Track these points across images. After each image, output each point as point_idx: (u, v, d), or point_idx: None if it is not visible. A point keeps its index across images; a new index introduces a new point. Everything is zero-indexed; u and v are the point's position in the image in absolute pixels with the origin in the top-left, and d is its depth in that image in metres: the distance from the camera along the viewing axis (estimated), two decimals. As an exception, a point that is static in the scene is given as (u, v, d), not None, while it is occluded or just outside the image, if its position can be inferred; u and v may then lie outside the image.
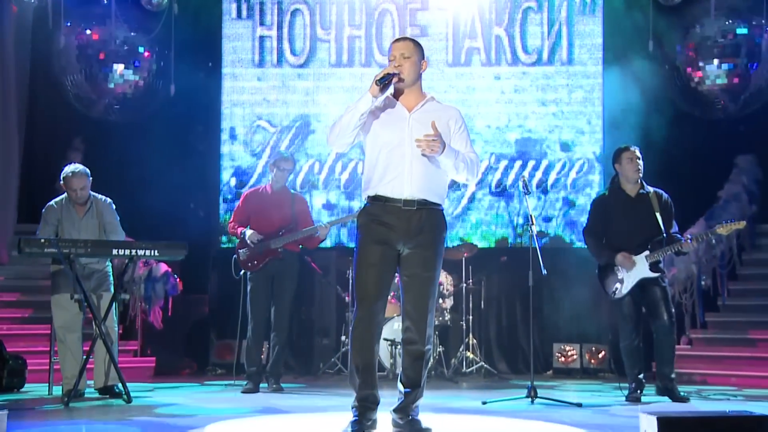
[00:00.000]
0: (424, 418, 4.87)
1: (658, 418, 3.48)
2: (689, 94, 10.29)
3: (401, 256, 4.85)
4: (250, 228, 7.74)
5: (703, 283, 9.59)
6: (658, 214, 6.84)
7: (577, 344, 9.87)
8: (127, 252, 6.66)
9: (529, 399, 6.53)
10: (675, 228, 6.94)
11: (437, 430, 4.83)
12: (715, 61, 10.16)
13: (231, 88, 10.68)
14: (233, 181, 10.57)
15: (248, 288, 7.76)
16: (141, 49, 10.52)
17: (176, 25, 10.44)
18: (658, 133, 9.75)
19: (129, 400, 6.59)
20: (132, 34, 10.48)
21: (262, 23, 10.72)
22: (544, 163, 10.31)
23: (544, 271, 6.32)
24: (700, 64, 10.22)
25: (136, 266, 6.91)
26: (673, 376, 6.85)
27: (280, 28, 10.71)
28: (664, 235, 6.80)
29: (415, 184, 4.77)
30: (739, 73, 10.15)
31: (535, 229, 6.45)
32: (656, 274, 6.79)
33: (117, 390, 6.91)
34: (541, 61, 10.49)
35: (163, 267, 9.35)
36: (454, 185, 9.63)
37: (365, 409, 4.79)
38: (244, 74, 10.69)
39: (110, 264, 7.18)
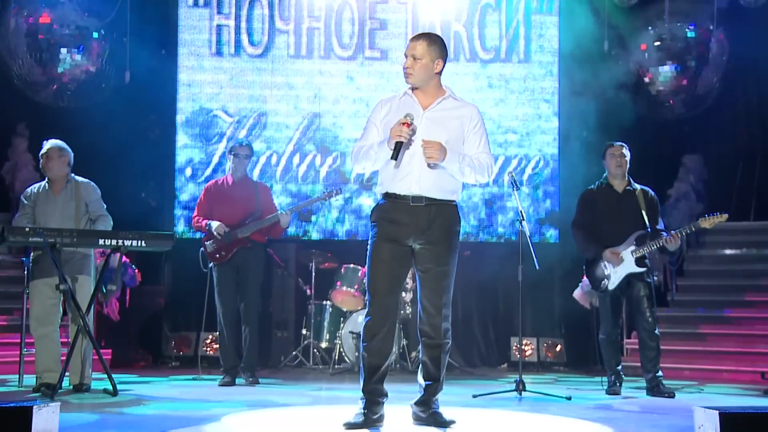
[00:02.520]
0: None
1: (720, 414, 3.43)
2: (641, 94, 10.56)
3: (414, 251, 4.90)
4: (215, 220, 7.65)
5: (655, 278, 9.86)
6: (643, 211, 7.01)
7: (533, 338, 10.04)
8: (114, 242, 6.51)
9: (517, 392, 6.62)
10: (661, 225, 7.14)
11: (462, 424, 4.89)
12: (665, 63, 10.47)
13: (187, 77, 10.50)
14: (188, 171, 10.39)
15: (215, 280, 7.68)
16: (95, 35, 10.24)
17: (132, 11, 10.20)
18: (611, 132, 9.99)
19: (115, 393, 6.45)
20: (85, 18, 10.19)
21: (219, 12, 10.55)
22: (501, 159, 10.43)
23: (537, 266, 6.40)
24: (651, 65, 10.51)
25: (122, 256, 6.71)
26: (659, 374, 7.02)
27: (238, 17, 10.56)
28: (649, 230, 6.97)
29: (424, 182, 4.83)
30: (687, 75, 10.47)
31: (526, 224, 6.52)
32: (642, 269, 6.97)
33: (85, 388, 6.75)
34: (499, 57, 10.62)
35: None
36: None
37: (372, 402, 4.86)
38: (200, 63, 10.52)
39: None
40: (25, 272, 7.26)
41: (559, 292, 10.27)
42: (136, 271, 9.27)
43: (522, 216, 6.55)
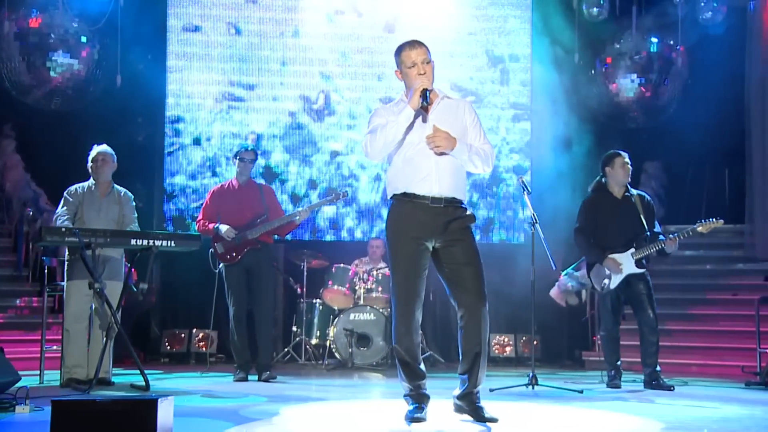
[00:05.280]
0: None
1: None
2: (607, 103, 11.19)
3: (436, 251, 5.07)
4: (222, 223, 7.89)
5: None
6: (642, 215, 7.55)
7: (511, 334, 10.57)
8: (145, 242, 6.83)
9: (531, 386, 7.03)
10: (658, 228, 7.66)
11: (504, 418, 5.06)
12: (630, 75, 11.11)
13: (176, 80, 10.80)
14: (178, 174, 10.72)
15: (226, 281, 7.92)
16: (84, 39, 10.44)
17: (123, 16, 10.43)
18: (578, 138, 10.63)
19: (147, 388, 6.76)
20: (76, 22, 10.38)
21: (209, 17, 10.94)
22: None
23: (555, 267, 6.86)
24: (616, 77, 11.15)
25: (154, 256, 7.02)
26: (658, 368, 7.47)
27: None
28: (648, 233, 7.52)
29: (444, 182, 4.99)
30: (650, 86, 11.14)
31: (539, 228, 6.96)
32: (642, 270, 7.49)
33: (108, 383, 7.09)
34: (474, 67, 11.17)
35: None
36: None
37: (421, 396, 5.05)
38: (189, 67, 10.82)
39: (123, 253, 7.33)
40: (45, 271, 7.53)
41: (536, 291, 10.76)
42: (133, 270, 9.50)
43: (534, 219, 6.97)
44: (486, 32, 11.25)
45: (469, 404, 5.07)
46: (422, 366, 5.12)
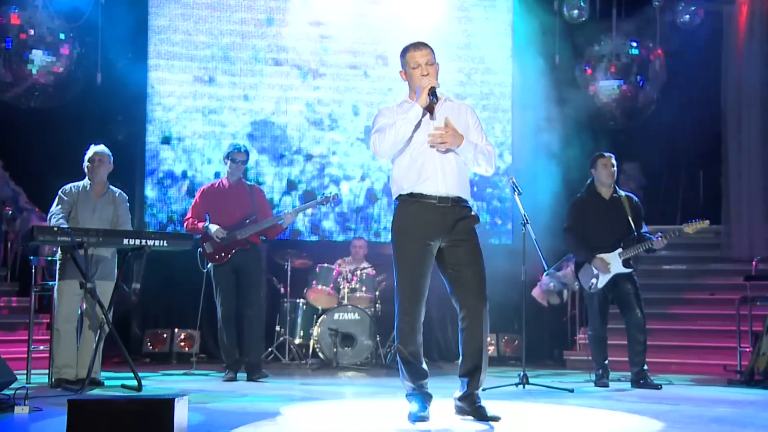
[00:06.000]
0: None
1: None
2: (586, 105, 11.29)
3: (441, 250, 5.08)
4: (212, 222, 7.85)
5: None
6: (629, 216, 7.64)
7: (493, 333, 10.63)
8: (138, 242, 6.79)
9: (522, 385, 7.09)
10: (645, 228, 7.75)
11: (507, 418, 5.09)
12: (610, 78, 11.23)
13: (157, 80, 10.74)
14: (158, 173, 10.66)
15: (214, 281, 7.90)
16: (62, 36, 10.33)
17: (103, 14, 10.34)
18: (557, 139, 10.73)
19: (140, 389, 6.73)
20: (55, 20, 10.28)
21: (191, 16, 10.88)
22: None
23: (546, 267, 6.93)
24: (596, 79, 11.27)
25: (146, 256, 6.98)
26: (645, 367, 7.58)
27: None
28: (635, 234, 7.61)
29: (450, 182, 5.02)
30: (629, 89, 11.26)
31: (530, 228, 7.02)
32: (629, 270, 7.58)
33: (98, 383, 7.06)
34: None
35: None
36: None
37: (425, 395, 5.07)
38: (171, 66, 10.77)
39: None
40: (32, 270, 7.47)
41: (515, 291, 10.85)
42: (117, 270, 9.45)
43: (525, 220, 7.02)
44: (467, 34, 11.30)
45: (471, 405, 5.09)
46: (425, 365, 5.15)
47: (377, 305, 9.83)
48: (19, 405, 5.17)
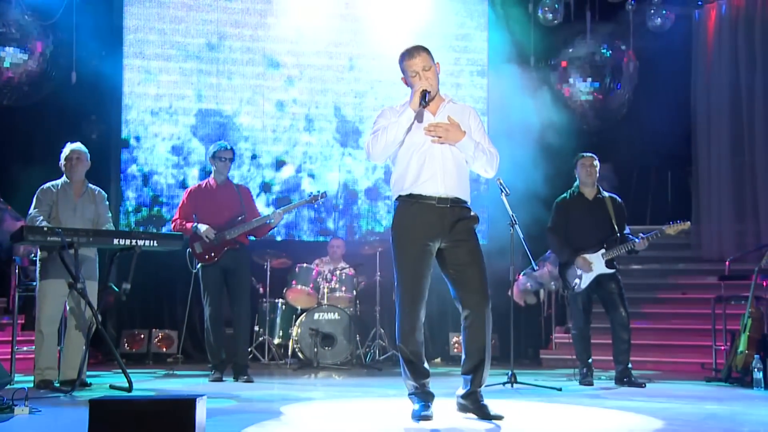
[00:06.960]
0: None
1: None
2: (560, 106, 11.41)
3: (441, 251, 5.11)
4: (200, 223, 7.80)
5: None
6: (612, 217, 7.74)
7: (467, 333, 10.66)
8: (128, 242, 6.73)
9: (510, 384, 7.16)
10: (627, 230, 7.86)
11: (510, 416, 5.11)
12: (583, 79, 11.36)
13: (132, 78, 10.67)
14: (133, 171, 10.58)
15: (202, 281, 7.83)
16: (36, 33, 10.20)
17: (78, 12, 10.22)
18: (532, 141, 10.81)
19: (130, 389, 6.66)
20: (28, 17, 10.14)
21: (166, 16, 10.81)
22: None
23: (535, 267, 6.99)
24: (570, 81, 11.39)
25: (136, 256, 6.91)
26: (629, 365, 7.68)
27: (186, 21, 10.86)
28: (618, 234, 7.71)
29: (449, 183, 5.05)
30: (602, 91, 11.40)
31: (518, 228, 7.07)
32: (612, 270, 7.68)
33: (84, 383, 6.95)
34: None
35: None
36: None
37: (427, 394, 5.09)
38: (146, 65, 10.70)
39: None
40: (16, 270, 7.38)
41: (495, 290, 10.92)
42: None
43: (513, 220, 7.06)
44: (443, 37, 11.33)
45: (474, 403, 5.12)
46: (426, 364, 5.17)
47: (357, 305, 9.84)
48: (19, 406, 5.11)
